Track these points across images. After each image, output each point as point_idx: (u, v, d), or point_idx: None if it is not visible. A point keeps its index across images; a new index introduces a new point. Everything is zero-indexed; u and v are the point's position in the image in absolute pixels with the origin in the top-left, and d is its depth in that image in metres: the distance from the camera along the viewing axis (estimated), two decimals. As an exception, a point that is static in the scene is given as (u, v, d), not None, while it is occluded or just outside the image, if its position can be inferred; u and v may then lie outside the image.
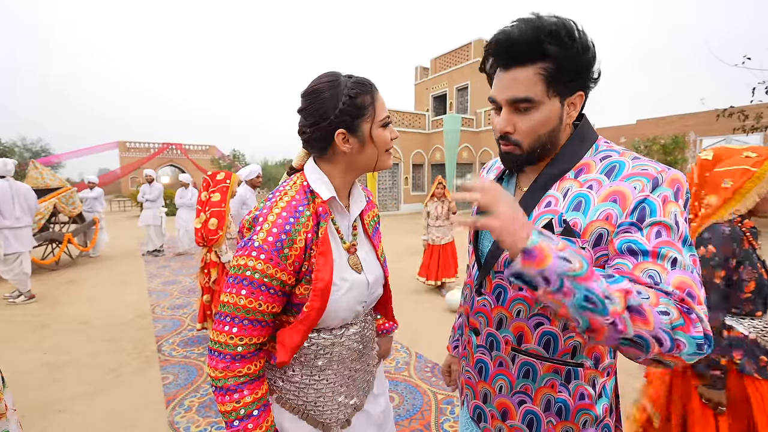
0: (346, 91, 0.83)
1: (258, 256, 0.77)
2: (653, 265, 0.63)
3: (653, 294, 0.59)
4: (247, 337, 0.80)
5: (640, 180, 0.68)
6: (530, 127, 0.75)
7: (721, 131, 12.38)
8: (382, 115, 0.87)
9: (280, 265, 0.79)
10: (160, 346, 3.36)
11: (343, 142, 0.85)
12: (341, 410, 0.94)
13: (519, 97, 0.72)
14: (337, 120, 0.83)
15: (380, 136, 0.87)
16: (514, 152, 0.79)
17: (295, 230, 0.80)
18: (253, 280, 0.78)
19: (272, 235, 0.78)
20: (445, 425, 2.22)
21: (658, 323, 0.57)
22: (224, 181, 3.24)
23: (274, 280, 0.79)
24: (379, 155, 0.89)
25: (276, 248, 0.78)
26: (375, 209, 1.07)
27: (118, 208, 22.11)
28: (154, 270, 6.35)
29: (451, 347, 1.19)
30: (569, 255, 0.58)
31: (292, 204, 0.84)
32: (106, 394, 2.60)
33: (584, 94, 0.76)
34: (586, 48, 0.70)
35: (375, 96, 0.86)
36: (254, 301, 0.78)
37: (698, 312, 0.60)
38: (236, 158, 23.95)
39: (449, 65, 20.39)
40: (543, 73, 0.70)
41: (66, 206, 6.55)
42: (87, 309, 4.38)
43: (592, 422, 0.80)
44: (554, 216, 0.74)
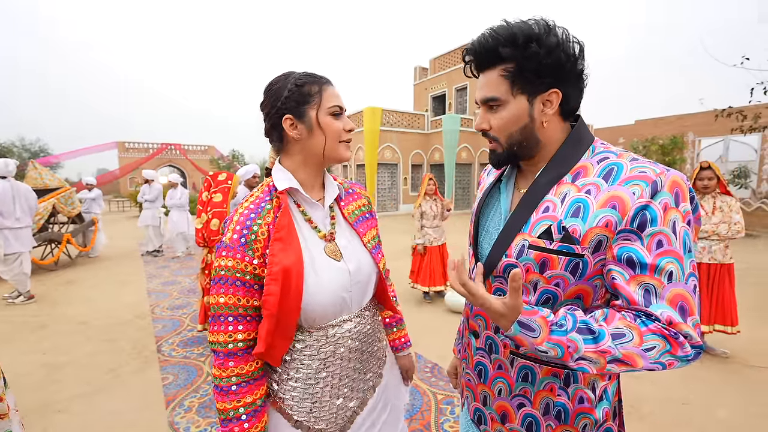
0: (293, 80, 0.89)
1: (227, 255, 0.83)
2: (651, 279, 0.66)
3: (637, 333, 0.64)
4: (235, 333, 0.83)
5: (638, 184, 0.68)
6: (500, 125, 0.79)
7: (720, 132, 12.42)
8: (330, 103, 0.89)
9: (247, 258, 0.83)
10: (160, 346, 3.35)
11: (291, 128, 0.89)
12: (339, 413, 0.93)
13: (487, 97, 0.79)
14: (283, 106, 0.88)
15: (328, 123, 0.89)
16: (497, 150, 0.83)
17: (257, 224, 0.85)
18: (227, 278, 0.83)
19: (236, 233, 0.84)
20: (444, 425, 2.22)
21: (645, 361, 0.64)
22: (226, 182, 3.25)
23: (246, 274, 0.83)
24: (329, 143, 0.90)
25: (241, 243, 0.83)
26: (362, 200, 1.08)
27: (117, 208, 22.06)
28: (154, 270, 6.34)
29: (457, 350, 1.18)
30: (546, 348, 0.66)
31: (255, 202, 0.89)
32: (105, 395, 2.59)
33: (560, 92, 0.75)
34: (552, 48, 0.72)
35: (323, 87, 0.90)
36: (233, 297, 0.83)
37: (685, 330, 0.64)
38: (235, 158, 23.91)
39: (448, 65, 20.40)
40: (504, 74, 0.75)
41: (65, 206, 6.54)
42: (86, 309, 4.38)
43: (592, 426, 0.80)
44: (553, 222, 0.74)
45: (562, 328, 0.66)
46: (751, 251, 7.51)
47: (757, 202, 10.84)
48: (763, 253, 7.42)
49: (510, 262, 0.78)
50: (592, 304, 0.76)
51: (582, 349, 0.64)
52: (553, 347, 0.65)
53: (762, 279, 5.38)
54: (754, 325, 3.65)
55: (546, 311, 0.68)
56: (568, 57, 0.73)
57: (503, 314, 0.66)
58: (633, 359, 0.63)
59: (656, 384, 2.65)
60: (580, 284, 0.73)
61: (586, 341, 0.64)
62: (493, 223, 0.88)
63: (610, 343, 0.63)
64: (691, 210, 0.69)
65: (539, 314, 0.67)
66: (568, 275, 0.73)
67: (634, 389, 2.57)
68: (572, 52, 0.74)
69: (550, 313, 0.68)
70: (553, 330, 0.65)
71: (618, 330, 0.64)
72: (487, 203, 0.93)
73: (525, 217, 0.77)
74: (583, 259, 0.71)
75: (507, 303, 0.65)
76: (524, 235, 0.76)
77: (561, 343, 0.65)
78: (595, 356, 0.64)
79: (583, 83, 0.78)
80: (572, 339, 0.64)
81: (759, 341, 3.32)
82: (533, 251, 0.75)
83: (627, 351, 0.63)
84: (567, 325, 0.66)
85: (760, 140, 12.66)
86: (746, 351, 3.14)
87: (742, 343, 3.23)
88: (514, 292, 0.64)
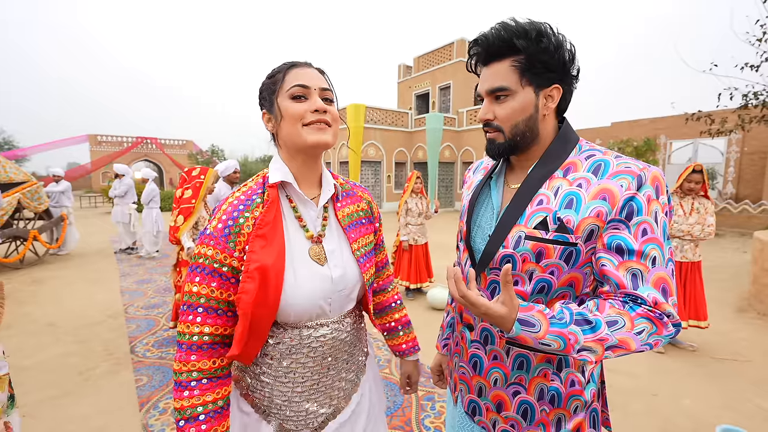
0: (268, 74, 0.87)
1: (209, 243, 0.80)
2: (637, 264, 0.71)
3: (627, 318, 0.69)
4: (203, 325, 0.79)
5: (625, 178, 0.74)
6: (507, 114, 0.82)
7: (690, 135, 12.95)
8: (290, 84, 0.82)
9: (229, 251, 0.79)
10: (134, 347, 3.24)
11: (267, 122, 0.88)
12: (309, 418, 0.89)
13: (495, 86, 0.81)
14: (260, 103, 0.88)
15: (285, 107, 0.82)
16: (497, 139, 0.85)
17: (244, 216, 0.81)
18: (204, 267, 0.79)
19: (221, 222, 0.81)
20: (425, 421, 2.23)
21: (637, 343, 0.69)
22: (198, 177, 3.15)
23: (224, 266, 0.79)
24: (286, 128, 0.83)
25: (224, 234, 0.79)
26: (361, 203, 1.00)
27: (89, 204, 21.24)
28: (128, 268, 6.13)
29: (440, 346, 1.19)
30: (549, 341, 0.68)
31: (247, 193, 0.86)
32: (74, 398, 2.49)
33: (561, 89, 0.81)
34: (558, 46, 0.78)
35: (287, 70, 0.84)
36: (207, 287, 0.79)
37: (668, 309, 0.70)
38: (215, 154, 23.31)
39: (432, 64, 20.50)
40: (516, 64, 0.79)
41: (31, 202, 6.23)
42: (54, 309, 4.19)
43: (582, 407, 0.85)
44: (548, 214, 0.78)
45: (562, 321, 0.69)
46: (717, 249, 7.88)
47: (723, 203, 11.38)
48: (727, 250, 7.79)
49: (507, 252, 0.81)
50: (582, 291, 0.81)
51: (582, 340, 0.67)
52: (556, 339, 0.68)
53: (726, 276, 5.65)
54: (718, 320, 3.83)
55: (541, 306, 0.72)
56: (570, 57, 0.80)
57: (503, 316, 0.69)
58: (627, 343, 0.68)
59: (629, 376, 2.75)
60: (572, 272, 0.78)
61: (585, 332, 0.68)
62: (485, 218, 0.91)
63: (607, 330, 0.68)
64: (666, 202, 0.75)
65: (536, 309, 0.70)
66: (562, 263, 0.78)
67: (609, 381, 2.65)
68: (570, 54, 0.80)
69: (545, 307, 0.72)
70: (553, 323, 0.68)
71: (611, 318, 0.69)
72: (478, 200, 0.95)
73: (520, 210, 0.81)
74: (576, 248, 0.76)
75: (503, 300, 0.69)
76: (520, 227, 0.80)
77: (562, 334, 0.68)
78: (594, 345, 0.67)
79: (575, 84, 0.84)
80: (572, 331, 0.68)
81: (723, 334, 3.49)
82: (530, 241, 0.79)
83: (621, 336, 0.68)
84: (565, 318, 0.69)
85: (726, 144, 13.28)
86: (711, 344, 3.29)
87: (708, 337, 3.39)
88: (505, 286, 0.68)
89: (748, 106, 4.88)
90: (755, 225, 10.26)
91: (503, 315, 0.69)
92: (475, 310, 0.71)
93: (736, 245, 8.44)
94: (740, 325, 3.77)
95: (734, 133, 5.16)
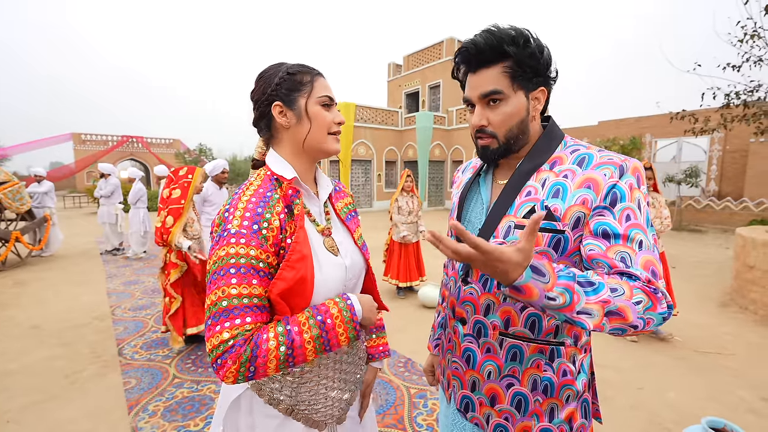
0: (286, 68, 0.87)
1: (238, 242, 0.75)
2: (624, 248, 0.73)
3: (627, 287, 0.68)
4: (252, 323, 0.73)
5: (608, 168, 0.77)
6: (502, 119, 0.83)
7: (675, 134, 13.23)
8: (320, 93, 0.88)
9: (263, 246, 0.77)
10: (122, 349, 3.19)
11: (280, 115, 0.87)
12: (335, 406, 0.92)
13: (488, 90, 0.82)
14: (273, 93, 0.86)
15: (318, 113, 0.87)
16: (492, 145, 0.86)
17: (268, 212, 0.80)
18: (240, 266, 0.74)
19: (247, 219, 0.78)
20: (418, 419, 2.25)
21: (635, 315, 0.67)
22: (186, 176, 3.10)
23: (261, 261, 0.76)
24: (315, 133, 0.88)
25: (254, 231, 0.77)
26: (348, 198, 1.08)
27: (73, 204, 20.76)
28: (114, 270, 6.02)
29: (432, 346, 1.19)
30: (556, 294, 0.64)
31: (259, 192, 0.84)
32: (60, 402, 2.44)
33: (546, 91, 0.85)
34: (542, 50, 0.82)
35: (316, 77, 0.89)
36: (248, 286, 0.74)
37: (661, 288, 0.70)
38: (202, 152, 22.95)
39: (422, 63, 20.54)
40: (507, 70, 0.81)
41: (13, 202, 6.06)
42: (38, 312, 4.09)
43: (574, 397, 0.87)
44: (536, 203, 0.81)
45: (569, 275, 0.66)
46: (700, 246, 8.07)
47: (706, 200, 11.66)
48: (710, 247, 7.99)
49: (498, 242, 0.83)
50: None
51: (584, 299, 0.65)
52: (563, 292, 0.64)
53: (709, 272, 5.80)
54: (702, 314, 3.93)
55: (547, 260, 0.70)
56: (550, 59, 0.84)
57: (519, 262, 0.61)
58: (626, 312, 0.66)
59: (615, 370, 2.81)
60: (561, 260, 0.80)
61: (587, 293, 0.66)
62: (474, 214, 0.94)
63: (609, 293, 0.66)
64: (646, 193, 0.79)
65: (544, 260, 0.66)
66: (551, 251, 0.80)
67: (597, 375, 2.70)
68: (549, 57, 0.84)
69: None
70: (561, 275, 0.65)
71: (612, 285, 0.68)
72: (468, 196, 0.98)
73: (509, 201, 0.84)
74: (564, 235, 0.79)
75: (522, 247, 0.61)
76: (510, 217, 0.83)
77: (569, 287, 0.65)
78: (596, 307, 0.65)
79: (553, 85, 0.87)
80: (576, 290, 0.65)
81: (706, 329, 3.58)
82: (519, 230, 0.81)
83: (622, 303, 0.66)
84: (572, 274, 0.67)
85: (709, 142, 13.61)
86: (694, 338, 3.38)
87: (691, 331, 3.47)
88: (530, 234, 0.60)
89: (730, 106, 5.00)
90: (737, 221, 10.54)
91: (519, 261, 0.61)
92: (488, 257, 0.61)
93: (719, 241, 8.66)
94: (723, 319, 3.87)
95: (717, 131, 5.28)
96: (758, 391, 2.54)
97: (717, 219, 11.14)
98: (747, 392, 2.53)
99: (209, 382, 2.66)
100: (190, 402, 2.42)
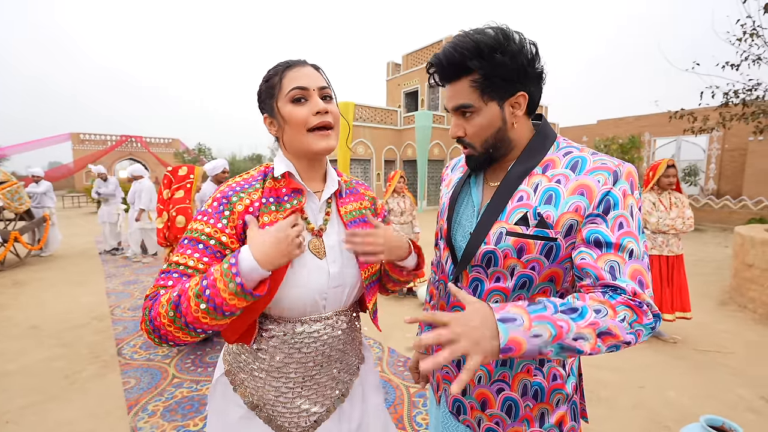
0: (265, 76, 0.86)
1: (202, 219, 0.82)
2: (615, 257, 0.72)
3: (608, 306, 0.67)
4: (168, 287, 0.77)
5: (602, 174, 0.76)
6: (475, 131, 0.83)
7: (673, 132, 13.25)
8: (288, 88, 0.81)
9: (219, 225, 0.80)
10: (121, 349, 3.19)
11: (269, 126, 0.88)
12: (302, 416, 0.88)
13: (459, 104, 0.82)
14: (260, 106, 0.88)
15: (288, 112, 0.82)
16: (472, 154, 0.87)
17: (238, 196, 0.83)
18: (191, 239, 0.80)
19: (215, 200, 0.83)
20: (417, 418, 2.25)
21: (623, 331, 0.67)
22: (187, 176, 3.10)
23: (211, 238, 0.80)
24: (290, 135, 0.84)
25: (218, 211, 0.81)
26: (363, 201, 1.01)
27: (72, 204, 20.74)
28: (113, 270, 6.01)
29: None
30: (539, 330, 0.62)
31: (246, 179, 0.88)
32: (59, 403, 2.43)
33: (527, 94, 0.80)
34: (515, 54, 0.76)
35: (284, 72, 0.83)
36: (186, 257, 0.78)
37: (646, 299, 0.70)
38: (201, 152, 22.93)
39: (420, 62, 20.50)
40: (473, 84, 0.79)
41: (11, 202, 6.05)
42: (37, 312, 4.09)
43: (564, 400, 0.86)
44: (528, 210, 0.79)
45: (540, 306, 0.65)
46: (699, 244, 8.09)
47: (705, 199, 11.68)
48: (709, 245, 8.00)
49: (489, 249, 0.82)
50: (562, 286, 0.82)
51: (574, 327, 0.64)
52: (542, 325, 0.62)
53: (708, 270, 5.80)
54: (701, 313, 3.94)
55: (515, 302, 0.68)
56: (529, 60, 0.78)
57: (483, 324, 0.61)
58: (615, 330, 0.65)
59: (615, 371, 2.81)
60: (553, 267, 0.79)
61: (574, 319, 0.65)
62: (465, 216, 0.92)
63: (594, 315, 0.65)
64: (639, 197, 0.77)
65: (509, 304, 0.66)
66: (543, 258, 0.78)
67: (595, 376, 2.70)
68: (531, 54, 0.78)
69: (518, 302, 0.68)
70: (531, 310, 0.64)
71: (595, 306, 0.67)
72: (458, 198, 0.96)
73: (501, 206, 0.82)
74: (556, 243, 0.77)
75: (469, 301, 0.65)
76: (501, 223, 0.81)
77: (548, 319, 0.63)
78: (587, 331, 0.64)
79: (543, 81, 0.83)
80: (561, 318, 0.64)
81: (705, 327, 3.59)
82: (511, 237, 0.80)
83: (609, 323, 0.66)
84: (548, 307, 0.66)
85: (707, 141, 13.62)
86: (693, 336, 3.38)
87: (690, 330, 3.48)
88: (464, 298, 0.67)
89: (729, 104, 5.01)
90: (736, 220, 10.56)
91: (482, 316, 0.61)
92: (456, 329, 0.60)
93: (718, 240, 8.67)
94: (722, 317, 3.88)
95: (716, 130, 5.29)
96: (757, 389, 2.54)
97: (716, 217, 11.16)
98: (746, 390, 2.53)
99: (209, 382, 2.65)
100: (189, 402, 2.42)
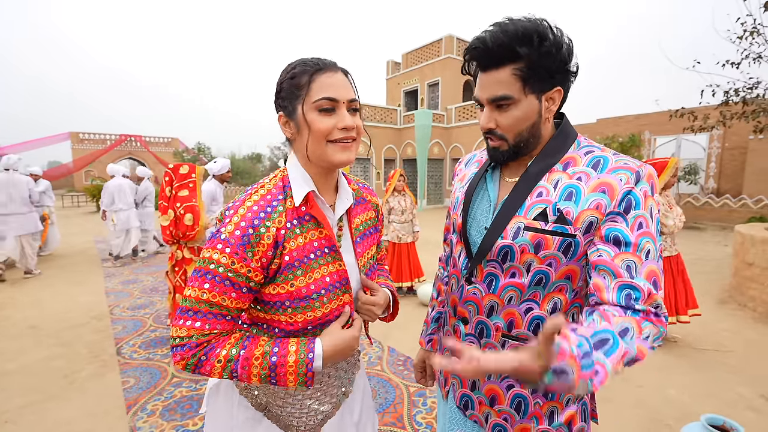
0: (289, 70, 0.79)
1: (223, 250, 0.74)
2: (632, 256, 0.72)
3: (634, 323, 0.66)
4: (210, 330, 0.76)
5: (624, 173, 0.75)
6: (511, 123, 0.80)
7: (674, 131, 13.22)
8: (317, 95, 0.76)
9: (246, 260, 0.75)
10: (120, 348, 3.18)
11: (284, 126, 0.83)
12: (310, 415, 0.90)
13: (498, 96, 0.78)
14: (277, 103, 0.82)
15: (312, 121, 0.77)
16: (502, 147, 0.84)
17: (265, 226, 0.76)
18: (216, 274, 0.74)
19: (240, 229, 0.75)
20: (417, 417, 2.24)
21: (647, 350, 0.66)
22: (189, 175, 3.09)
23: (239, 276, 0.75)
24: (312, 144, 0.78)
25: (242, 243, 0.74)
26: (369, 212, 0.99)
27: (71, 203, 20.70)
28: (112, 269, 6.00)
29: (424, 341, 1.18)
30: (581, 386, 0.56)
31: (266, 198, 0.80)
32: (58, 402, 2.43)
33: (562, 89, 0.79)
34: (559, 47, 0.75)
35: (314, 75, 0.77)
36: (217, 295, 0.75)
37: (660, 302, 0.71)
38: (201, 151, 22.90)
39: (420, 61, 20.47)
40: (518, 73, 0.75)
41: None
42: (36, 312, 4.08)
43: (574, 399, 0.86)
44: (548, 205, 0.79)
45: (589, 358, 0.57)
46: (699, 243, 8.08)
47: (705, 197, 11.67)
48: (709, 244, 8.00)
49: (506, 243, 0.81)
50: (578, 284, 0.81)
51: (609, 366, 0.58)
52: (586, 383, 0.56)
53: (708, 269, 5.80)
54: (700, 311, 3.93)
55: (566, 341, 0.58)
56: (568, 54, 0.77)
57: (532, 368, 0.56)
58: (642, 352, 0.64)
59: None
60: (570, 264, 0.78)
61: (607, 353, 0.59)
62: (480, 211, 0.91)
63: (623, 343, 0.62)
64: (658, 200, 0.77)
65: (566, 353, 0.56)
66: (560, 255, 0.78)
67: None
68: (569, 50, 0.77)
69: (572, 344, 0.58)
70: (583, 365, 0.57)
71: (621, 327, 0.64)
72: (473, 193, 0.95)
73: (519, 201, 0.82)
74: (575, 239, 0.76)
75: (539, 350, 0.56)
76: (520, 218, 0.81)
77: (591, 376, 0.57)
78: (619, 366, 0.60)
79: (574, 79, 0.81)
80: (599, 361, 0.58)
81: (705, 326, 3.58)
82: (529, 232, 0.79)
83: (637, 344, 0.64)
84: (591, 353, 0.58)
85: (707, 139, 13.61)
86: (694, 335, 3.38)
87: (690, 328, 3.47)
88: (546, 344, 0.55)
89: (729, 103, 5.00)
90: (736, 219, 10.55)
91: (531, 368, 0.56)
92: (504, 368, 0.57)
93: (718, 239, 8.67)
94: (722, 316, 3.88)
95: (716, 129, 5.27)
96: (757, 387, 2.54)
97: (716, 216, 11.15)
98: (746, 389, 2.53)
99: (208, 382, 2.65)
100: (188, 401, 2.41)
